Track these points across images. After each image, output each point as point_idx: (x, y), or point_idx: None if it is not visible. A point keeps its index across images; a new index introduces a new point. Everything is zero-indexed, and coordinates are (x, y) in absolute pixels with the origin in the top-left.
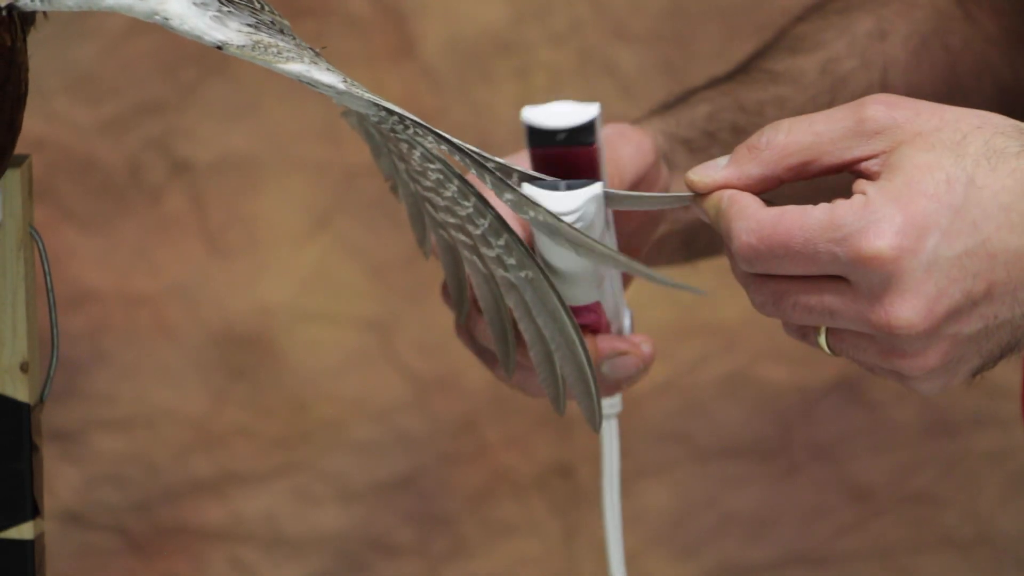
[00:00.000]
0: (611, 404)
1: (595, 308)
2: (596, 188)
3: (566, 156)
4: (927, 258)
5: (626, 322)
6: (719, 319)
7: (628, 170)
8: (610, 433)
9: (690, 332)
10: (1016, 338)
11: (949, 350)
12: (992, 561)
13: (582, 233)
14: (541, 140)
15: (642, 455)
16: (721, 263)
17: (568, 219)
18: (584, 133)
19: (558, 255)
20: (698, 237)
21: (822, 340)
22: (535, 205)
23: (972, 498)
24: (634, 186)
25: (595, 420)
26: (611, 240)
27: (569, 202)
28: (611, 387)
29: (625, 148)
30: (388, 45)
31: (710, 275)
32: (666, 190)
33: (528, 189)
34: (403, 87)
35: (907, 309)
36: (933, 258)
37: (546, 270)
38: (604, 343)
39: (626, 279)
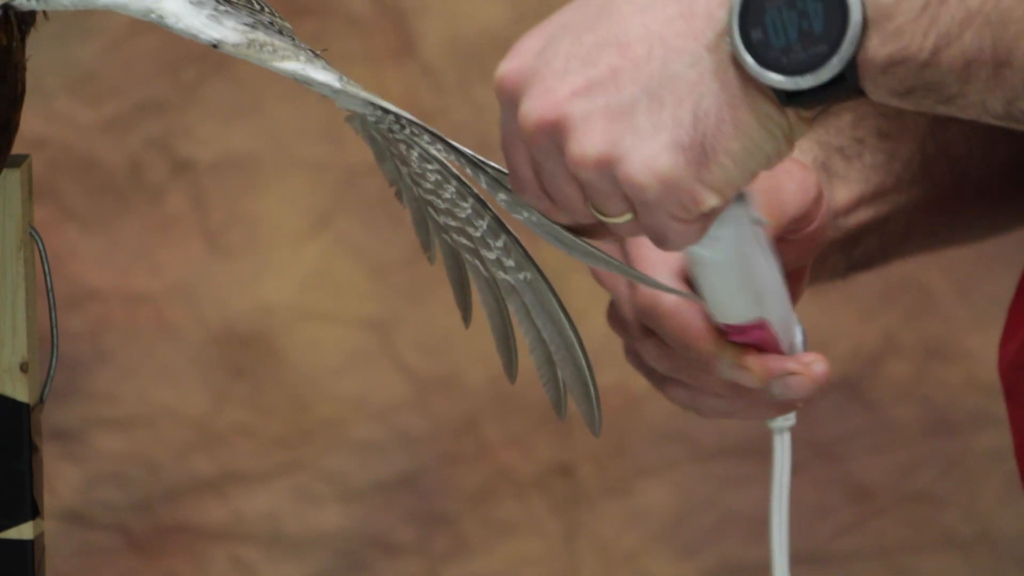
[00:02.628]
0: (786, 417)
1: (760, 325)
2: (743, 209)
3: None
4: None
5: (798, 338)
6: None
7: (789, 206)
8: (782, 447)
9: None
10: None
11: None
12: (992, 561)
13: (567, 231)
14: None
15: (642, 454)
16: None
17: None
18: None
19: (705, 273)
20: (857, 244)
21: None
22: (528, 206)
23: (972, 498)
24: (795, 222)
25: (594, 424)
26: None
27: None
28: (784, 407)
29: (788, 184)
30: (388, 45)
31: None
32: (828, 218)
33: None
34: (403, 87)
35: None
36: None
37: (699, 290)
38: (774, 363)
39: (794, 296)
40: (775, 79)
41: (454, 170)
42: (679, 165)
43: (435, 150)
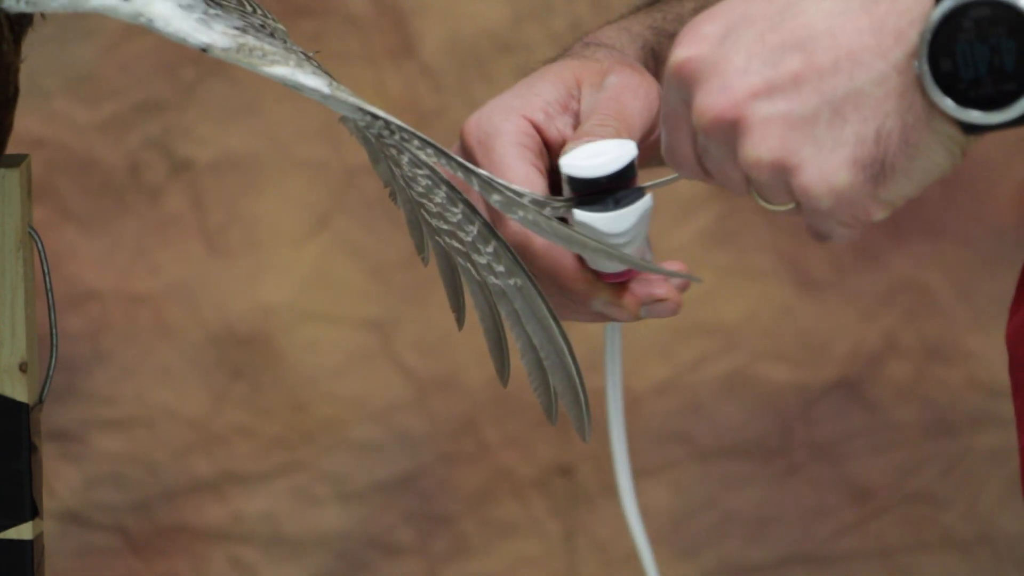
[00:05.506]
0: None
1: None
2: (647, 202)
3: (609, 189)
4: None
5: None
6: (719, 319)
7: (637, 125)
8: (614, 335)
9: (690, 332)
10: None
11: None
12: (992, 561)
13: (577, 232)
14: (585, 187)
15: (642, 455)
16: (722, 263)
17: (622, 239)
18: (626, 173)
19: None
20: None
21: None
22: (524, 205)
23: (972, 498)
24: (644, 138)
25: (583, 430)
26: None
27: (623, 222)
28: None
29: (633, 104)
30: (388, 45)
31: (710, 274)
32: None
33: (580, 215)
34: (403, 87)
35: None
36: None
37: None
38: (642, 291)
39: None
40: (961, 112)
41: (444, 175)
42: (857, 182)
43: (424, 155)
